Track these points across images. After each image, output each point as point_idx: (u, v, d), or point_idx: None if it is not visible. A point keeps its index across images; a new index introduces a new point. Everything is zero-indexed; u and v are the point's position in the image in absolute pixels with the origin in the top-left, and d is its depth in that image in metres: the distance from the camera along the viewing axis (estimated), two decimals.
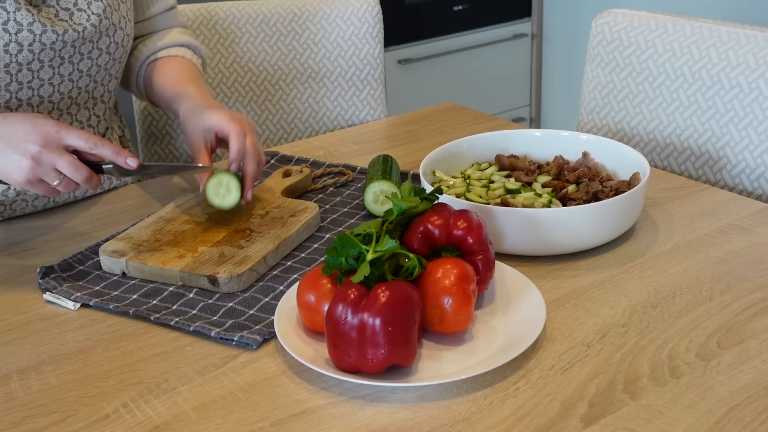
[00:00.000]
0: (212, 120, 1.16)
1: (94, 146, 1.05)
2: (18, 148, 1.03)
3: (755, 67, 1.39)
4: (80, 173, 1.05)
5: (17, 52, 1.13)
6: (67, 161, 1.04)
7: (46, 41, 1.14)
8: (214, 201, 1.15)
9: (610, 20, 1.59)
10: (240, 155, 1.14)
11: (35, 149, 1.03)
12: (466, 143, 1.30)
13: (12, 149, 1.03)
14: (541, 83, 3.49)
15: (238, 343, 0.94)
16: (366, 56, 1.78)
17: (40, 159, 1.03)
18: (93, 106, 1.27)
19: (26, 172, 1.03)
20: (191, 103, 1.22)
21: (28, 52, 1.14)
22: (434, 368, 0.87)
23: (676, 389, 0.83)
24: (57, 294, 1.05)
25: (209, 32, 1.69)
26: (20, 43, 1.12)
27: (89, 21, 1.19)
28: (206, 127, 1.17)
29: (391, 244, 0.87)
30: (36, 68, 1.16)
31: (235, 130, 1.14)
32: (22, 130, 1.04)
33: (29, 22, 1.13)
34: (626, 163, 1.22)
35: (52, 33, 1.14)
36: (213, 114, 1.16)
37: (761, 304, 0.97)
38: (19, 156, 1.03)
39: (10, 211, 1.27)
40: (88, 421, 0.83)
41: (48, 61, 1.16)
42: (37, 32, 1.13)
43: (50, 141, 1.04)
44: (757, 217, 1.18)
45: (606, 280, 1.04)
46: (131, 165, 1.07)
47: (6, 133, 1.04)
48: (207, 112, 1.18)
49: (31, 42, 1.13)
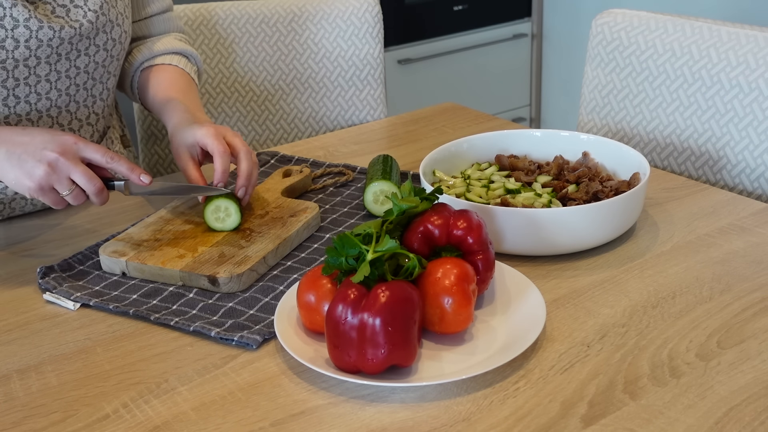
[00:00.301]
0: (196, 135, 1.17)
1: (111, 160, 1.09)
2: (35, 154, 1.06)
3: (755, 67, 1.39)
4: (93, 184, 1.08)
5: (13, 48, 1.13)
6: (81, 171, 1.07)
7: (42, 38, 1.14)
8: (215, 225, 1.14)
9: (610, 20, 1.59)
10: (225, 176, 1.15)
11: (53, 156, 1.06)
12: (466, 143, 1.30)
13: (29, 155, 1.06)
14: (541, 83, 3.49)
15: (238, 343, 0.94)
16: (366, 56, 1.78)
17: (56, 166, 1.06)
18: (92, 104, 1.27)
19: (40, 177, 1.05)
20: (178, 117, 1.23)
21: (24, 48, 1.14)
22: (434, 368, 0.87)
23: (676, 389, 0.83)
24: (57, 294, 1.05)
25: (209, 32, 1.69)
26: (16, 39, 1.13)
27: (86, 17, 1.19)
28: (190, 142, 1.17)
29: (391, 244, 0.87)
30: (33, 65, 1.16)
31: (219, 150, 1.14)
32: (40, 139, 1.07)
33: (26, 18, 1.13)
34: (626, 163, 1.22)
35: (49, 29, 1.15)
36: (197, 129, 1.17)
37: (761, 304, 0.97)
38: (35, 162, 1.05)
39: (9, 209, 1.27)
40: (88, 421, 0.83)
41: (45, 57, 1.16)
42: (34, 28, 1.13)
43: (68, 150, 1.07)
44: (757, 217, 1.18)
45: (606, 280, 1.04)
46: (144, 181, 1.10)
47: (24, 141, 1.07)
48: (192, 127, 1.18)
49: (28, 38, 1.13)
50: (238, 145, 1.16)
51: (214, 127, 1.17)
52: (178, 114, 1.24)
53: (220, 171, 1.14)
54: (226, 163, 1.14)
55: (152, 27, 1.41)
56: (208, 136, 1.15)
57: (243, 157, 1.15)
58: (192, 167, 1.17)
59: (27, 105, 1.19)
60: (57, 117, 1.23)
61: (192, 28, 1.67)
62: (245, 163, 1.15)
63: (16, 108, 1.18)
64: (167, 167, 1.71)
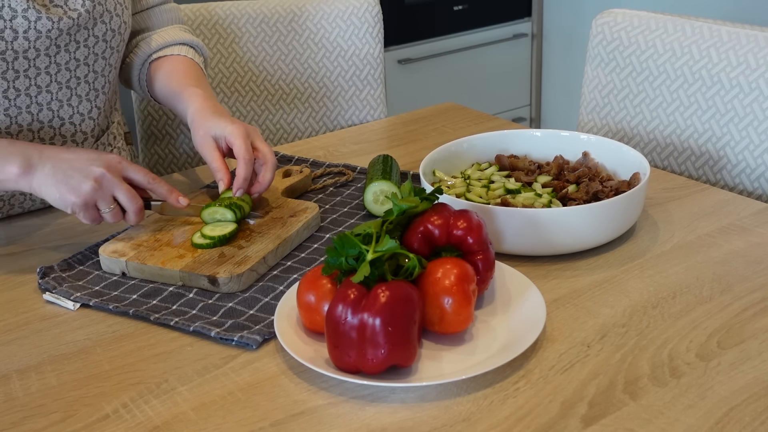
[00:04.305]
0: (226, 130, 1.17)
1: (152, 181, 1.13)
2: (82, 170, 1.08)
3: (755, 67, 1.39)
4: (135, 203, 1.11)
5: (12, 39, 1.13)
6: (125, 189, 1.10)
7: (41, 28, 1.15)
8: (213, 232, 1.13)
9: (610, 20, 1.59)
10: (245, 184, 1.15)
11: (100, 171, 1.08)
12: (466, 143, 1.30)
13: (75, 171, 1.08)
14: (541, 83, 3.49)
15: (238, 343, 0.94)
16: (366, 56, 1.78)
17: (102, 182, 1.08)
18: (95, 98, 1.27)
19: (86, 193, 1.08)
20: (199, 104, 1.23)
21: (23, 39, 1.14)
22: (434, 368, 0.87)
23: (677, 389, 0.83)
24: (57, 294, 1.05)
25: (209, 32, 1.69)
26: (15, 30, 1.13)
27: (84, 6, 1.19)
28: (219, 135, 1.18)
29: (391, 244, 0.87)
30: (32, 56, 1.16)
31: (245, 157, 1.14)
32: (85, 157, 1.10)
33: (24, 8, 1.13)
34: (626, 163, 1.22)
35: (47, 20, 1.15)
36: (228, 125, 1.17)
37: (761, 304, 0.97)
38: (81, 177, 1.08)
39: (9, 206, 1.27)
40: (88, 421, 0.83)
41: (44, 49, 1.17)
42: (32, 19, 1.14)
43: (113, 167, 1.10)
44: (757, 217, 1.18)
45: (606, 280, 1.04)
46: (182, 204, 1.15)
47: (70, 158, 1.10)
48: (222, 120, 1.18)
49: (26, 29, 1.14)
50: (266, 155, 1.17)
51: (245, 127, 1.18)
52: (198, 101, 1.24)
53: (242, 178, 1.14)
54: (248, 171, 1.15)
55: (152, 18, 1.41)
56: (238, 137, 1.15)
57: (268, 168, 1.16)
58: (218, 157, 1.17)
59: (27, 98, 1.19)
60: (58, 110, 1.23)
61: (192, 28, 1.67)
62: (269, 174, 1.17)
63: (17, 101, 1.18)
64: (167, 167, 1.71)
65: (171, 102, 1.31)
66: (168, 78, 1.32)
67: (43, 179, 1.08)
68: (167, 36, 1.38)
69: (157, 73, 1.35)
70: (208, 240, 1.10)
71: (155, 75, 1.35)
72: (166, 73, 1.33)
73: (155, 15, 1.41)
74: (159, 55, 1.36)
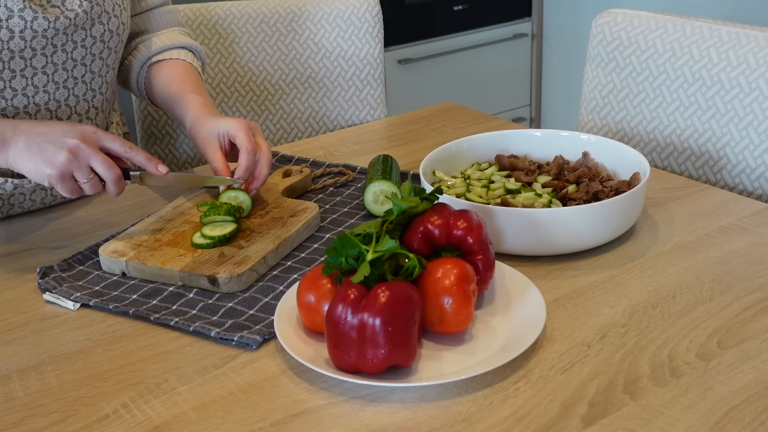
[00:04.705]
0: (228, 125, 1.19)
1: (129, 150, 1.11)
2: (56, 141, 1.07)
3: (755, 67, 1.39)
4: (112, 172, 1.09)
5: (8, 39, 1.13)
6: (101, 158, 1.09)
7: (37, 28, 1.14)
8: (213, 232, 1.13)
9: (610, 20, 1.59)
10: (247, 173, 1.17)
11: (74, 143, 1.07)
12: (466, 143, 1.30)
13: (49, 143, 1.07)
14: (541, 83, 3.49)
15: (238, 343, 0.94)
16: (366, 56, 1.78)
17: (77, 152, 1.07)
18: (92, 98, 1.27)
19: (61, 164, 1.07)
20: (198, 110, 1.26)
21: (19, 38, 1.14)
22: (434, 368, 0.87)
23: (677, 389, 0.83)
24: (57, 294, 1.05)
25: (209, 32, 1.69)
26: (11, 29, 1.13)
27: (81, 7, 1.19)
28: (222, 132, 1.20)
29: (391, 244, 0.87)
30: (29, 56, 1.16)
31: (248, 148, 1.17)
32: (60, 129, 1.09)
33: (20, 8, 1.13)
34: (626, 163, 1.22)
35: (44, 20, 1.15)
36: (229, 120, 1.20)
37: (761, 304, 0.97)
38: (56, 148, 1.07)
39: (8, 206, 1.27)
40: (88, 421, 0.83)
41: (40, 49, 1.16)
42: (28, 18, 1.13)
43: (88, 138, 1.09)
44: (757, 217, 1.18)
45: (606, 280, 1.04)
46: (161, 171, 1.13)
47: (44, 131, 1.09)
48: (222, 119, 1.21)
49: (23, 29, 1.13)
50: (263, 150, 1.19)
51: (247, 122, 1.20)
52: (197, 107, 1.26)
53: (244, 167, 1.17)
54: (250, 161, 1.17)
55: (152, 20, 1.41)
56: (240, 130, 1.18)
57: (264, 163, 1.19)
58: (220, 157, 1.20)
59: (24, 98, 1.19)
60: (56, 111, 1.23)
61: (192, 28, 1.67)
62: (265, 169, 1.19)
63: (14, 100, 1.18)
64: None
65: (169, 106, 1.32)
66: (167, 82, 1.33)
67: (18, 153, 1.08)
68: (166, 39, 1.38)
69: (155, 77, 1.35)
70: (208, 240, 1.10)
71: (154, 79, 1.35)
72: (165, 78, 1.33)
73: (154, 17, 1.41)
74: (158, 59, 1.36)
